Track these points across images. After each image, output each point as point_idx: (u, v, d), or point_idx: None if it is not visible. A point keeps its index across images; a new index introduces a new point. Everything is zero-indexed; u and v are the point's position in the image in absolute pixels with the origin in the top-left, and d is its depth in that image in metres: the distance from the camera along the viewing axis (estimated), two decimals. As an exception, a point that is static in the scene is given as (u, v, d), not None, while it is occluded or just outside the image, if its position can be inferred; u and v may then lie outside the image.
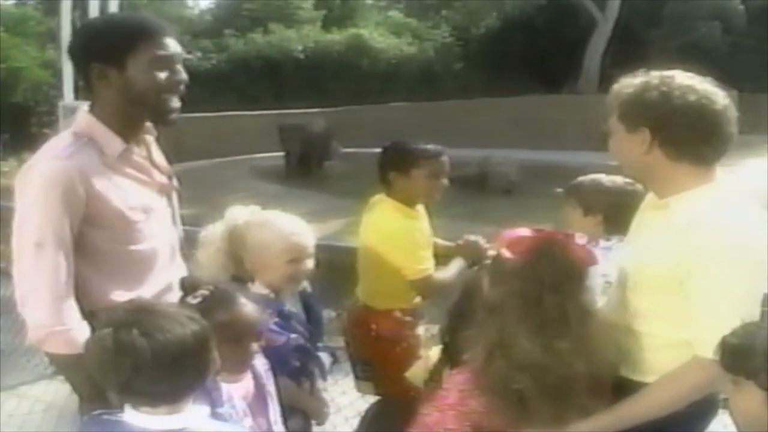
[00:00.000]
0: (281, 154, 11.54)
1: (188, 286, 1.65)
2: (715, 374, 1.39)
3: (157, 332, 1.27)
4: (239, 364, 1.64)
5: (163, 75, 1.64)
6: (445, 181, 2.50)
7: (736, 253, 1.45)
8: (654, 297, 1.58)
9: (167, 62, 1.65)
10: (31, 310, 1.58)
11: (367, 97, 15.81)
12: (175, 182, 1.88)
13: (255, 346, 1.65)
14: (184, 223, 1.97)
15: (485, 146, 11.44)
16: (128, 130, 1.70)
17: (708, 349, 1.40)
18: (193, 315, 1.36)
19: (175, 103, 1.69)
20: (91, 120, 1.68)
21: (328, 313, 3.34)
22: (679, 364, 1.52)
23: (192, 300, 1.59)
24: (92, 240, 1.63)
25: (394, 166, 2.47)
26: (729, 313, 1.42)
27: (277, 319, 1.91)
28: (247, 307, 1.63)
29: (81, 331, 1.56)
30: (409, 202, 2.50)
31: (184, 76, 1.68)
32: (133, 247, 1.70)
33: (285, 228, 1.98)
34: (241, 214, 2.04)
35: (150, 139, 1.81)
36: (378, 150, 2.69)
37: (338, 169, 11.45)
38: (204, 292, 1.60)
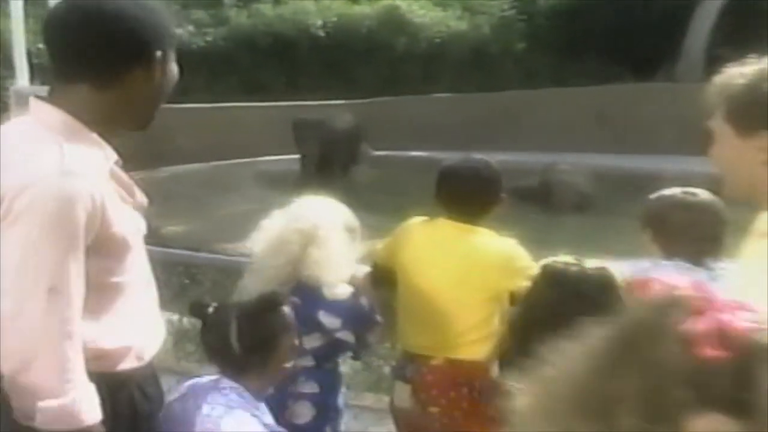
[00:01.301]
0: (296, 156, 11.64)
1: (196, 307, 2.18)
2: None
3: None
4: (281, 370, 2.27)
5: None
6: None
7: None
8: None
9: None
10: (37, 378, 1.57)
11: (404, 86, 15.84)
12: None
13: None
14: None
15: (553, 149, 11.38)
16: (111, 138, 1.79)
17: None
18: None
19: None
20: (71, 122, 1.71)
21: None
22: None
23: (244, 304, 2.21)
24: None
25: (497, 192, 2.80)
26: None
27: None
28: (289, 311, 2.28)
29: (87, 400, 1.63)
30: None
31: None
32: (115, 279, 1.78)
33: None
34: (320, 210, 2.75)
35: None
36: (419, 153, 2.93)
37: (367, 176, 11.48)
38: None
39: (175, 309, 3.30)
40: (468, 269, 2.66)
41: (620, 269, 2.47)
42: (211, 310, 2.22)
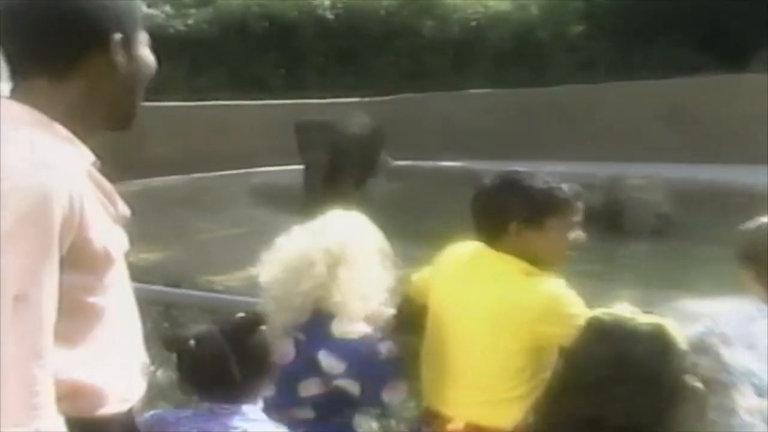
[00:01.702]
0: (298, 167, 11.65)
1: (172, 342, 2.39)
2: None
3: None
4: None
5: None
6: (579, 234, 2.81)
7: None
8: None
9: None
10: None
11: (431, 80, 15.87)
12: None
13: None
14: (144, 278, 2.06)
15: (620, 158, 11.33)
16: (89, 138, 1.83)
17: None
18: None
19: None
20: (38, 115, 1.77)
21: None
22: None
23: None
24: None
25: (519, 212, 2.73)
26: None
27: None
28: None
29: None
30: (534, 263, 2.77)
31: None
32: (92, 300, 1.79)
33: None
34: (350, 227, 2.85)
35: None
36: (450, 163, 2.93)
37: (387, 191, 11.47)
38: (240, 314, 2.52)
39: (149, 358, 3.31)
40: (500, 312, 2.65)
41: (710, 323, 2.51)
42: (193, 343, 2.43)
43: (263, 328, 2.52)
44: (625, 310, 2.41)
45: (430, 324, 2.84)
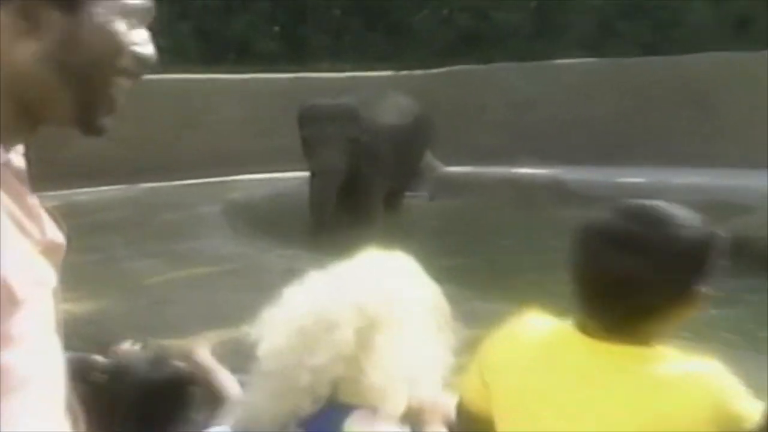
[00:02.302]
0: (302, 173, 11.72)
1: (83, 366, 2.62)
2: None
3: None
4: None
5: (126, 38, 1.87)
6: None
7: None
8: None
9: (136, 17, 1.89)
10: None
11: (500, 47, 15.89)
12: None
13: None
14: (66, 341, 2.05)
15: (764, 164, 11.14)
16: (16, 132, 1.79)
17: None
18: None
19: (122, 96, 1.92)
20: None
21: None
22: None
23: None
24: None
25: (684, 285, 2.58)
26: None
27: None
28: None
29: None
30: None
31: (151, 50, 1.97)
32: None
33: None
34: (393, 276, 2.80)
35: (18, 150, 1.92)
36: (528, 170, 2.89)
37: (435, 212, 11.40)
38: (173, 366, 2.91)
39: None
40: (629, 424, 2.54)
41: None
42: (101, 375, 2.76)
43: (193, 389, 2.82)
44: None
45: None
